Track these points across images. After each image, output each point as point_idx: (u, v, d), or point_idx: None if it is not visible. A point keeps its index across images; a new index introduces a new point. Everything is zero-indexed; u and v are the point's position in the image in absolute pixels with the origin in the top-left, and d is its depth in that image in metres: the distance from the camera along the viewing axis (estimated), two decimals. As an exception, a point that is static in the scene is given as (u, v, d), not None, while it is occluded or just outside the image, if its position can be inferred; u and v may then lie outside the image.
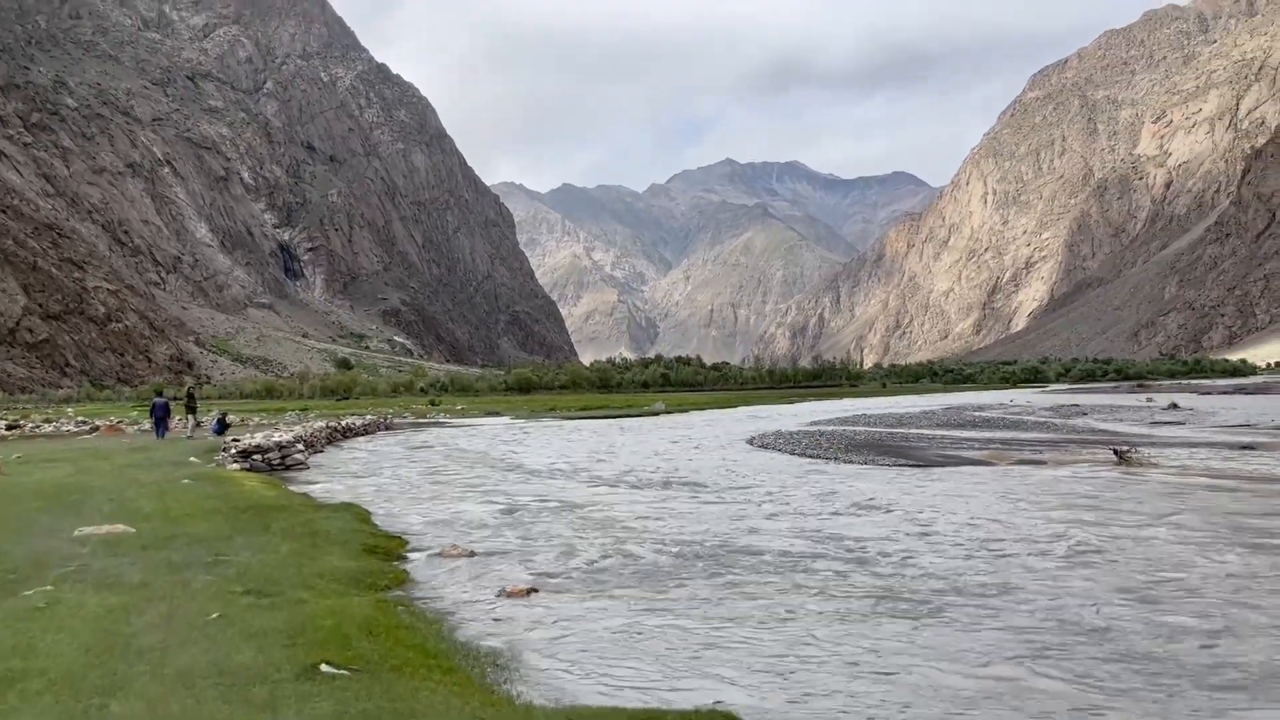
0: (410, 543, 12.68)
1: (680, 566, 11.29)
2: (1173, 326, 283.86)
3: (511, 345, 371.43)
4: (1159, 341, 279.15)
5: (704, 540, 12.98)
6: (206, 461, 24.37)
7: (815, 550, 12.27)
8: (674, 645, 8.01)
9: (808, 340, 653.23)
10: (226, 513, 13.85)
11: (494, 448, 32.41)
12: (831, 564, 11.39)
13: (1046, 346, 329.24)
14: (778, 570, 10.98)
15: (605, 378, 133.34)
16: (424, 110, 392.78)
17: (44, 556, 10.06)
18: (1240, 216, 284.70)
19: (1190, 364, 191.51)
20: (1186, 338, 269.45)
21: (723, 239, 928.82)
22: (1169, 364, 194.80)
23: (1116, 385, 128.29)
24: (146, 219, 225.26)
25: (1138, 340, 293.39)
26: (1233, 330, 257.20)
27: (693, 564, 11.46)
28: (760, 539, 13.14)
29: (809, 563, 11.43)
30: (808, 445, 29.19)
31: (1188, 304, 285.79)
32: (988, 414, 49.93)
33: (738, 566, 11.25)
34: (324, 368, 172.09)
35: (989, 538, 13.05)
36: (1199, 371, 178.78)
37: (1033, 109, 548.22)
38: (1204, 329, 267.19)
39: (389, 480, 21.66)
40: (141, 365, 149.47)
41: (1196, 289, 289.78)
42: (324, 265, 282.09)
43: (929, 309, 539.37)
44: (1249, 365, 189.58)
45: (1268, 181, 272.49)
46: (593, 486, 19.88)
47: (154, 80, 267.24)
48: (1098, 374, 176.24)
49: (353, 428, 39.82)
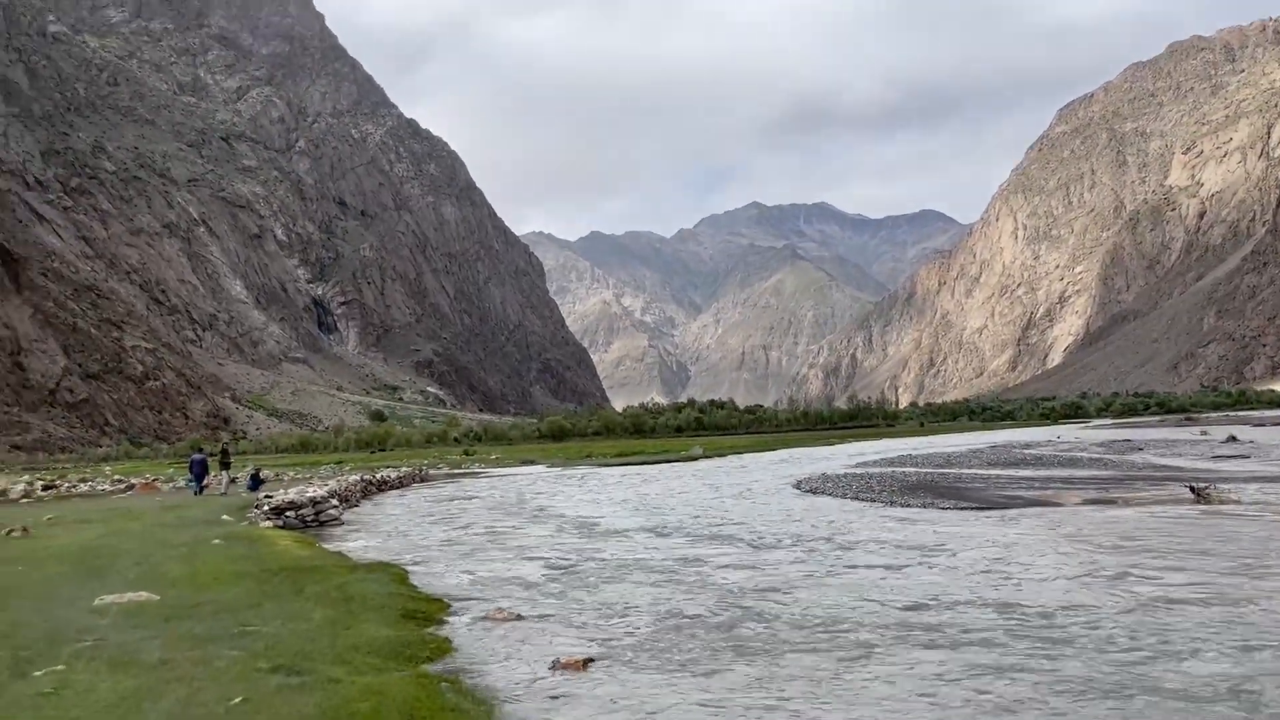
0: (452, 605, 11.78)
1: (756, 632, 10.18)
2: (1213, 358, 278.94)
3: (543, 393, 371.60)
4: (1199, 373, 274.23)
5: (774, 599, 11.95)
6: (239, 519, 23.71)
7: (906, 610, 11.24)
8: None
9: (841, 380, 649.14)
10: (257, 575, 13.09)
11: (532, 498, 31.56)
12: (944, 631, 10.36)
13: (1084, 381, 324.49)
14: (863, 637, 9.91)
15: (639, 423, 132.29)
16: (453, 163, 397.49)
17: (60, 629, 9.34)
18: (1277, 245, 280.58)
19: (1235, 395, 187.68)
20: (1228, 369, 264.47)
21: (752, 281, 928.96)
22: (1213, 396, 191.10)
23: (1163, 419, 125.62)
24: (183, 278, 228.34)
25: (1177, 372, 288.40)
26: (1275, 360, 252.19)
27: (771, 629, 10.31)
28: (823, 595, 12.16)
29: (907, 629, 10.40)
30: (859, 488, 28.08)
31: (1227, 335, 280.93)
32: (1037, 451, 48.49)
33: (822, 631, 10.12)
34: (358, 420, 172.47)
35: (1132, 603, 11.09)
36: (1245, 403, 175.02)
37: (1060, 143, 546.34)
38: (1245, 360, 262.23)
39: (426, 536, 20.80)
40: (179, 422, 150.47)
41: (1236, 319, 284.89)
42: (357, 319, 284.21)
43: (963, 346, 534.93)
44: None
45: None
46: (639, 539, 18.88)
47: (189, 142, 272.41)
48: (1140, 408, 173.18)
49: (388, 481, 39.15)
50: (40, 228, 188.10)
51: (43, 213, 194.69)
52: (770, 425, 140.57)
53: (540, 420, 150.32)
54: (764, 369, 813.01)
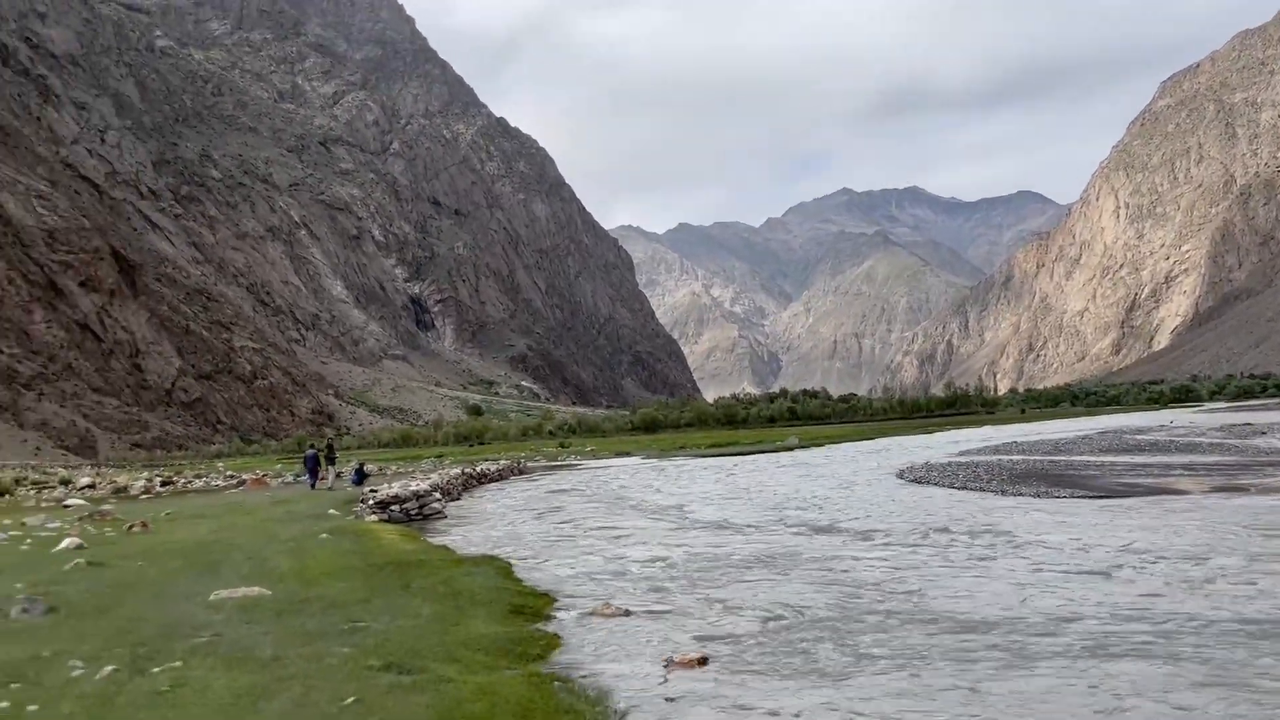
0: (558, 600, 11.64)
1: (882, 633, 9.56)
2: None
3: (635, 385, 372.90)
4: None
5: (898, 596, 11.46)
6: (345, 513, 24.09)
7: (1021, 598, 10.67)
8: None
9: (937, 368, 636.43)
10: (364, 570, 13.16)
11: (630, 490, 31.44)
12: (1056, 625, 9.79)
13: (1193, 364, 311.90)
14: (1006, 639, 9.40)
15: (731, 414, 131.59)
16: (542, 160, 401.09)
17: (177, 625, 9.45)
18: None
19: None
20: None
21: (843, 269, 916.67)
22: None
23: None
24: (286, 279, 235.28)
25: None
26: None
27: (900, 630, 9.61)
28: (952, 592, 11.65)
29: (1028, 620, 9.87)
30: (966, 477, 27.24)
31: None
32: (1151, 437, 46.53)
33: (965, 634, 9.44)
34: (456, 415, 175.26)
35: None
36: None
37: (1165, 117, 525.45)
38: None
39: (528, 528, 20.83)
40: (286, 419, 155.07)
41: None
42: (453, 315, 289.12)
43: (1063, 330, 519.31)
44: None
45: None
46: (745, 531, 18.52)
47: (289, 148, 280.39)
48: (1257, 390, 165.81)
49: (487, 474, 39.53)
50: (154, 235, 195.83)
51: (155, 220, 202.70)
52: (865, 414, 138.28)
53: (632, 412, 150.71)
54: (856, 357, 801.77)
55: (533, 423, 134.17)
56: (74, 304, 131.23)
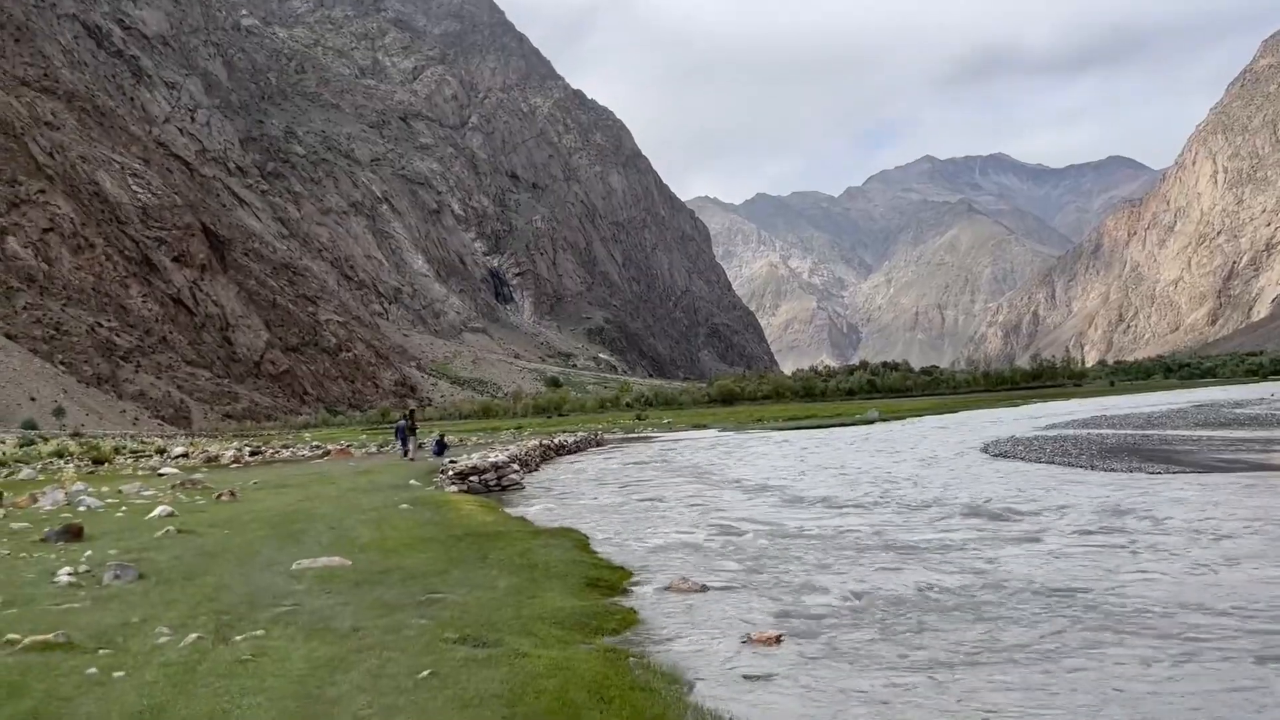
0: (634, 574, 11.52)
1: (976, 618, 9.08)
2: None
3: (711, 357, 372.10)
4: None
5: (984, 579, 11.03)
6: (426, 484, 24.39)
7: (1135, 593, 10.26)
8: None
9: (1022, 339, 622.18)
10: (443, 541, 13.27)
11: (707, 462, 31.30)
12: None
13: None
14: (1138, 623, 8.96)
15: (809, 386, 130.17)
16: (619, 132, 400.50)
17: (260, 593, 9.61)
18: None
19: None
20: None
21: (925, 238, 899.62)
22: None
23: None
24: (369, 254, 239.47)
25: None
26: None
27: (994, 616, 9.08)
28: (1047, 574, 11.27)
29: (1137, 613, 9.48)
30: (1054, 452, 26.48)
31: None
32: (1250, 411, 44.73)
33: (1068, 622, 8.82)
34: (535, 386, 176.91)
35: None
36: None
37: (1266, 77, 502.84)
38: None
39: (605, 501, 20.83)
40: (370, 391, 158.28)
41: None
42: (531, 288, 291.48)
43: (1155, 300, 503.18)
44: None
45: None
46: (824, 507, 18.18)
47: (371, 124, 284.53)
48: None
49: (565, 445, 39.76)
50: (241, 211, 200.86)
51: (243, 197, 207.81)
52: (947, 387, 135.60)
53: (709, 385, 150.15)
54: (939, 329, 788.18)
55: (610, 395, 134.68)
56: (168, 279, 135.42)
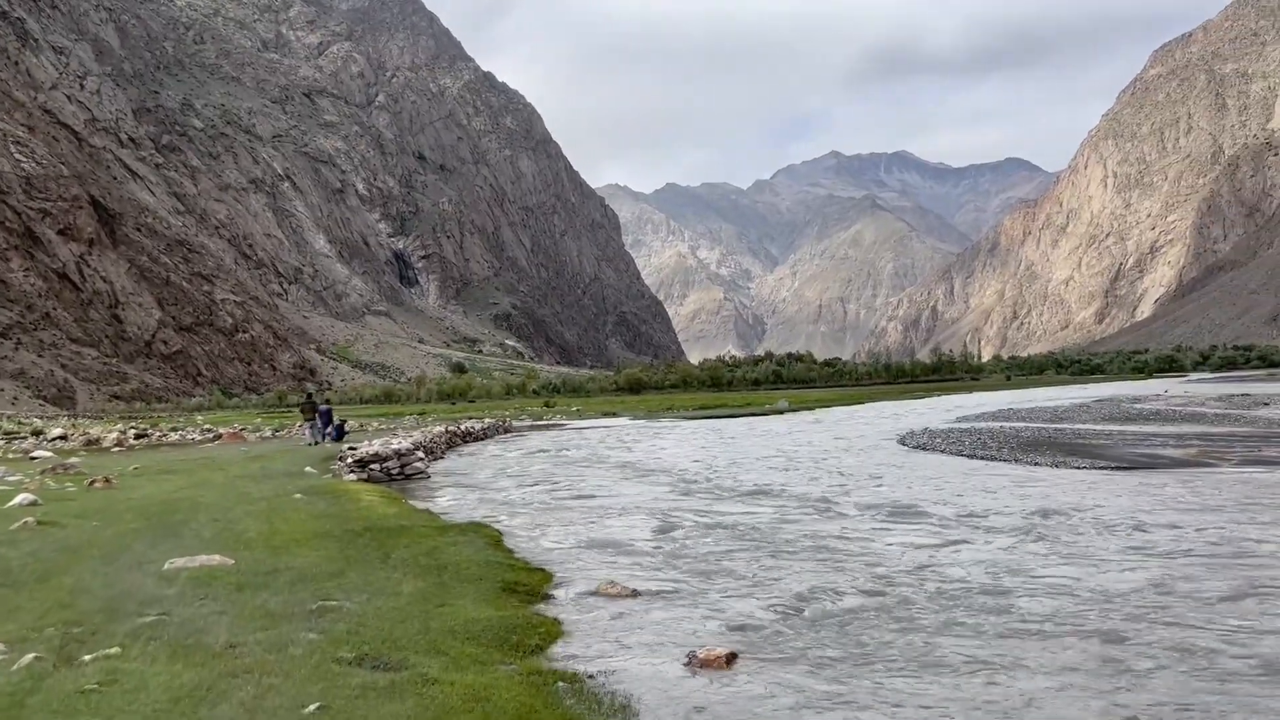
0: (555, 576, 10.35)
1: (941, 625, 8.23)
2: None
3: (619, 346, 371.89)
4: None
5: (938, 580, 10.22)
6: (323, 471, 22.92)
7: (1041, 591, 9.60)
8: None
9: (921, 333, 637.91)
10: (340, 537, 11.99)
11: (623, 452, 30.32)
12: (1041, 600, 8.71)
13: (1176, 334, 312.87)
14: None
15: (716, 376, 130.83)
16: (530, 116, 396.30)
17: (123, 599, 8.30)
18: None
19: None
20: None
21: (830, 233, 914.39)
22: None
23: (1271, 373, 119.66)
24: (269, 232, 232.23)
25: (1276, 325, 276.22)
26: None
27: (968, 622, 8.23)
28: (993, 571, 10.56)
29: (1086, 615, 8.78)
30: (972, 445, 26.22)
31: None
32: (1149, 406, 45.69)
33: (1045, 625, 8.16)
34: (439, 372, 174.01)
35: None
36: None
37: (1155, 87, 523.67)
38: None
39: (518, 493, 19.59)
40: (267, 373, 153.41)
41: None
42: (437, 272, 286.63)
43: (1048, 298, 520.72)
44: None
45: None
46: (751, 499, 17.31)
47: (273, 99, 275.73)
48: (1240, 361, 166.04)
49: (472, 432, 38.38)
50: (134, 184, 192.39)
51: (136, 170, 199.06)
52: (850, 379, 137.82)
53: (617, 373, 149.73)
54: (841, 321, 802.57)
55: (516, 381, 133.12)
56: (52, 253, 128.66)
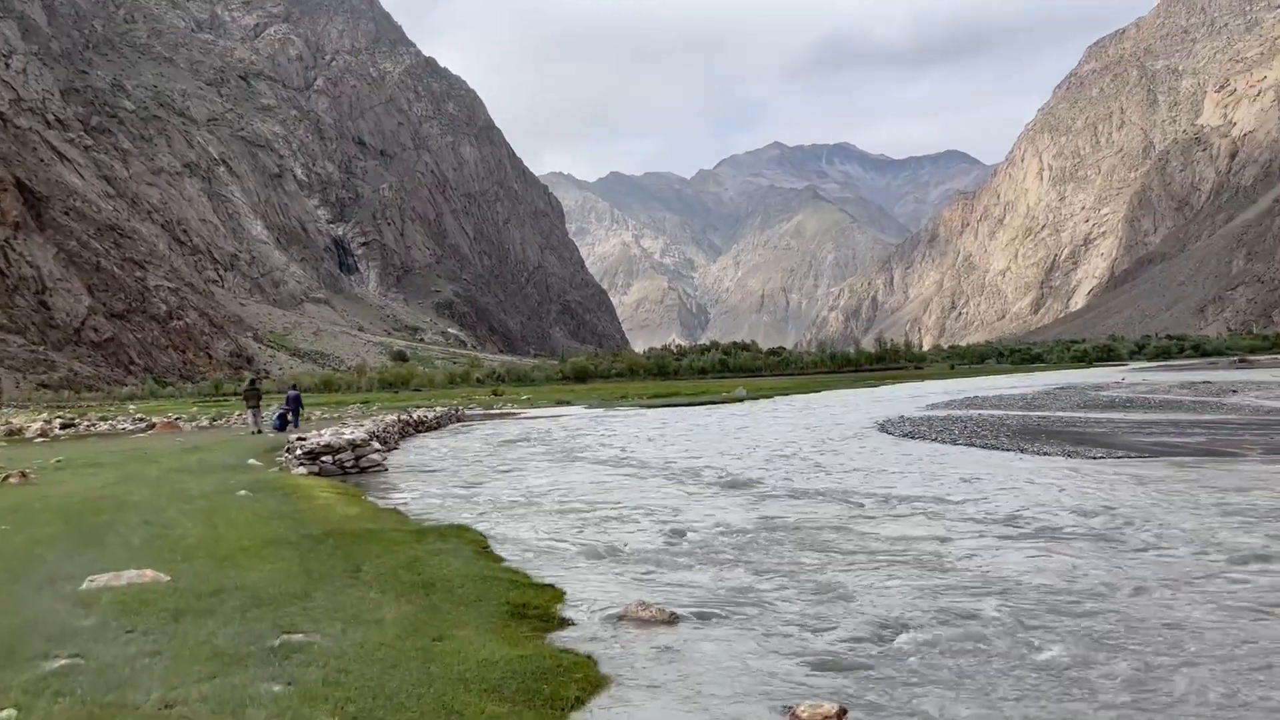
0: (567, 593, 8.49)
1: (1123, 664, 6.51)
2: (1241, 301, 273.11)
3: (563, 335, 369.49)
4: (1227, 317, 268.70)
5: (1069, 593, 8.48)
6: (268, 464, 20.91)
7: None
8: None
9: (861, 323, 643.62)
10: (297, 543, 10.13)
11: (589, 441, 28.60)
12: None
13: (1108, 325, 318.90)
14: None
15: (663, 365, 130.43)
16: (472, 103, 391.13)
17: (25, 634, 6.45)
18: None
19: (1272, 339, 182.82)
20: (1256, 312, 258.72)
21: (772, 223, 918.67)
22: (1248, 339, 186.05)
23: (1213, 362, 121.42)
24: (204, 218, 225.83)
25: (1204, 316, 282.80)
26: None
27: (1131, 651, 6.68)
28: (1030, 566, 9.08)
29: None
30: (964, 433, 24.94)
31: (1256, 278, 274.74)
32: (1115, 394, 45.02)
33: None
34: (380, 361, 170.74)
35: None
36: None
37: (1089, 82, 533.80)
38: (1275, 303, 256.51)
39: (490, 488, 17.67)
40: (202, 362, 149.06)
41: (1265, 262, 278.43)
42: (377, 259, 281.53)
43: (985, 288, 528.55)
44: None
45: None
46: (763, 495, 15.44)
47: (208, 81, 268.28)
48: (1174, 351, 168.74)
49: (425, 421, 36.42)
50: (62, 166, 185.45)
51: (64, 151, 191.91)
52: (796, 367, 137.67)
53: (563, 362, 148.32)
54: (784, 311, 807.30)
55: (460, 370, 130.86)
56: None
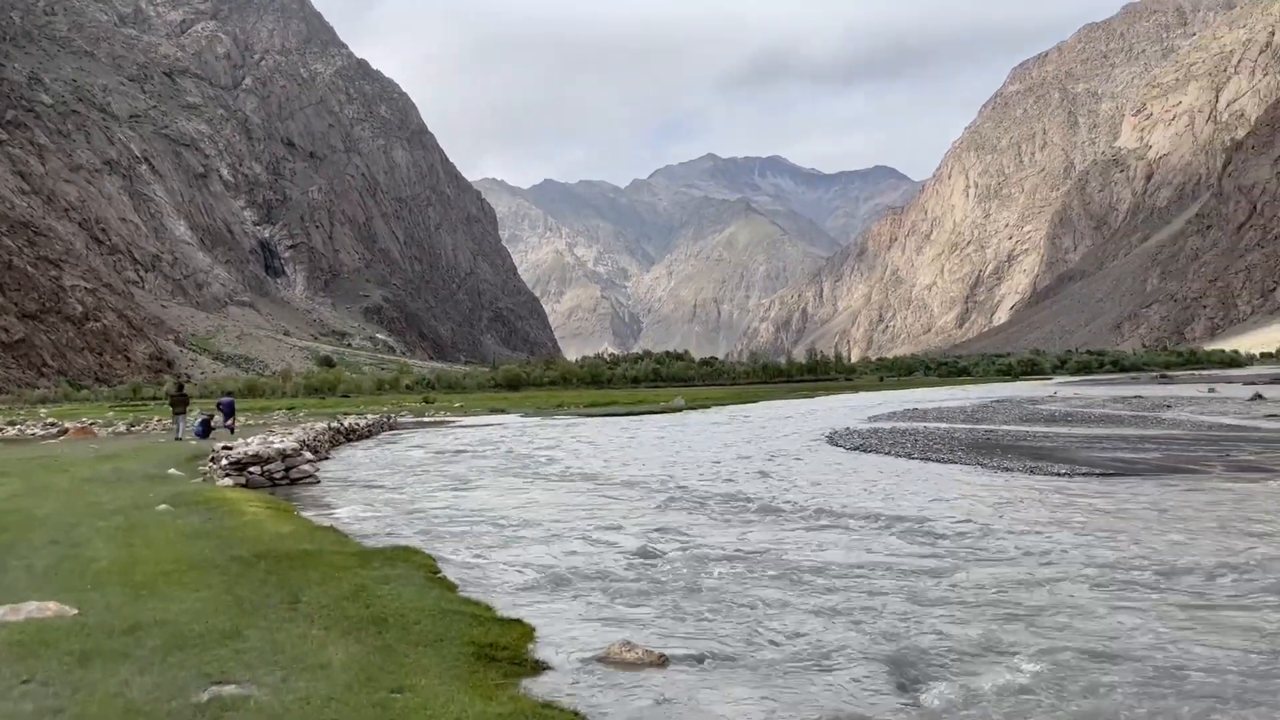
0: (538, 630, 7.52)
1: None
2: (1155, 318, 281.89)
3: (495, 342, 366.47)
4: (1142, 333, 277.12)
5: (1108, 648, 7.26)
6: (190, 474, 19.56)
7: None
8: None
9: (791, 334, 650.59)
10: (225, 567, 9.04)
11: (534, 452, 27.55)
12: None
13: (1030, 339, 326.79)
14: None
15: (596, 374, 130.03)
16: (405, 106, 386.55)
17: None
18: (1221, 208, 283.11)
19: (1186, 355, 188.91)
20: (1169, 329, 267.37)
21: (705, 234, 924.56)
22: (1164, 355, 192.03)
23: (1135, 376, 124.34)
24: (124, 217, 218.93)
25: (1120, 332, 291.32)
26: (1215, 321, 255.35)
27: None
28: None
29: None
30: (916, 446, 24.48)
31: (1170, 295, 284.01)
32: (1052, 408, 45.24)
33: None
34: (306, 366, 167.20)
35: None
36: (1197, 363, 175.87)
37: (1014, 102, 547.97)
38: (1186, 320, 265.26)
39: (432, 502, 16.55)
40: (120, 365, 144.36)
41: (1179, 281, 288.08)
42: (305, 263, 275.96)
43: (911, 302, 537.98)
44: (1244, 356, 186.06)
45: (1248, 174, 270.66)
46: (729, 510, 14.60)
47: (131, 76, 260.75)
48: (1095, 365, 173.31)
49: (356, 429, 34.99)
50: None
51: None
52: (729, 377, 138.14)
53: (494, 369, 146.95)
54: (715, 321, 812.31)
55: (389, 377, 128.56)
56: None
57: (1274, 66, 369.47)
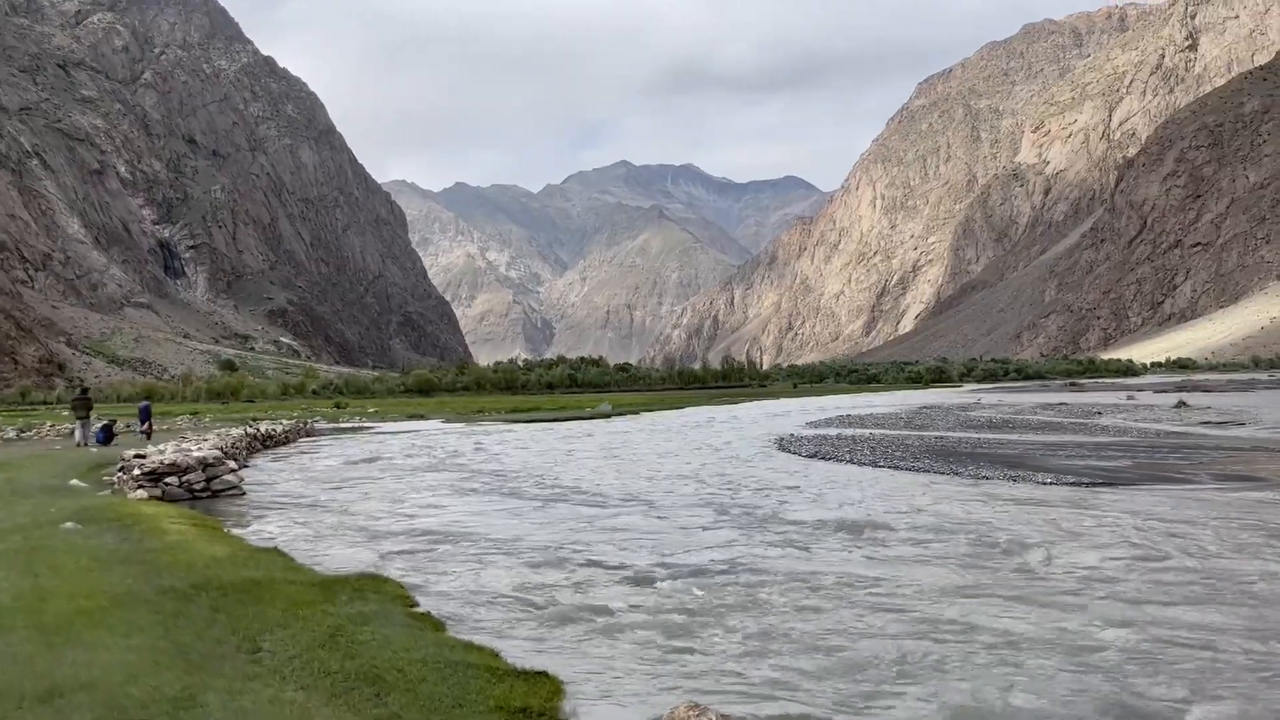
0: (565, 686, 6.02)
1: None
2: (1053, 328, 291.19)
3: (404, 346, 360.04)
4: (1040, 343, 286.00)
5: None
6: (96, 485, 17.55)
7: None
8: None
9: (704, 340, 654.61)
10: (156, 604, 7.39)
11: (468, 460, 25.93)
12: None
13: (935, 348, 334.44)
14: None
15: (510, 379, 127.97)
16: (313, 105, 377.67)
17: None
18: (1114, 223, 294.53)
19: (1085, 364, 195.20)
20: (1065, 339, 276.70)
21: (619, 240, 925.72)
22: (1064, 364, 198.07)
23: (1044, 384, 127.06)
24: (13, 213, 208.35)
25: (1020, 341, 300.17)
26: (1108, 332, 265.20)
27: None
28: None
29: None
30: (872, 454, 23.63)
31: (1066, 306, 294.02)
32: (985, 415, 45.05)
33: None
34: (207, 370, 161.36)
35: None
36: (1095, 371, 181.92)
37: (919, 116, 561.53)
38: (1081, 330, 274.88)
39: (375, 516, 14.90)
40: (7, 368, 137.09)
41: (1074, 292, 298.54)
42: (206, 263, 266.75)
43: (820, 311, 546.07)
44: (1138, 365, 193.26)
45: (1139, 190, 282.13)
46: (704, 533, 13.12)
47: (21, 67, 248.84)
48: (1000, 374, 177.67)
49: (273, 435, 32.83)
50: None
51: None
52: (645, 383, 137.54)
53: (405, 374, 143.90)
54: (629, 327, 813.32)
55: (294, 381, 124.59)
56: None
57: (1164, 88, 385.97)
